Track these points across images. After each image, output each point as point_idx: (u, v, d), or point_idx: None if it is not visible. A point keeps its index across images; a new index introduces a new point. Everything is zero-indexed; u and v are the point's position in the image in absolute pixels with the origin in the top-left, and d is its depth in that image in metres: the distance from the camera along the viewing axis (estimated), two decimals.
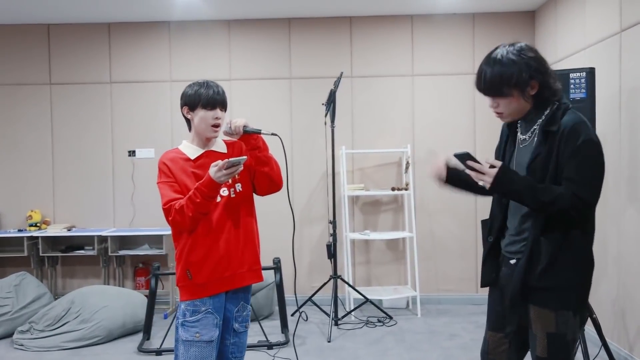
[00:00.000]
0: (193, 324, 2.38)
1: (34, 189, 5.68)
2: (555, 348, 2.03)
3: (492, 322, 2.27)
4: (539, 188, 1.97)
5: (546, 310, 2.03)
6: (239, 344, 2.53)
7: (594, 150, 1.99)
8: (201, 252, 2.38)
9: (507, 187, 2.00)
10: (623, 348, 3.81)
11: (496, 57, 2.04)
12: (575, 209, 1.95)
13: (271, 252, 5.23)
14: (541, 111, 2.07)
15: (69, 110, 5.68)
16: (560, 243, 2.00)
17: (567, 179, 1.97)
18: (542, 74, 2.02)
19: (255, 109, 5.61)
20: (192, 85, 2.47)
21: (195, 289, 2.40)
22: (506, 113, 2.09)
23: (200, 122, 2.43)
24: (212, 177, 2.26)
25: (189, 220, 2.32)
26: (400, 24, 5.58)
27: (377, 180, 5.60)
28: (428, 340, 4.45)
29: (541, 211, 2.00)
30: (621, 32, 3.78)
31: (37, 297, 4.95)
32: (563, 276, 2.01)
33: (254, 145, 2.46)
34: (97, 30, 5.65)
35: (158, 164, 2.46)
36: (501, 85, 2.02)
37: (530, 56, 2.03)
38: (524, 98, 2.03)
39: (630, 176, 3.68)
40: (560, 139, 1.99)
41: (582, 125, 1.99)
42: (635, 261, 3.64)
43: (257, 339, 4.37)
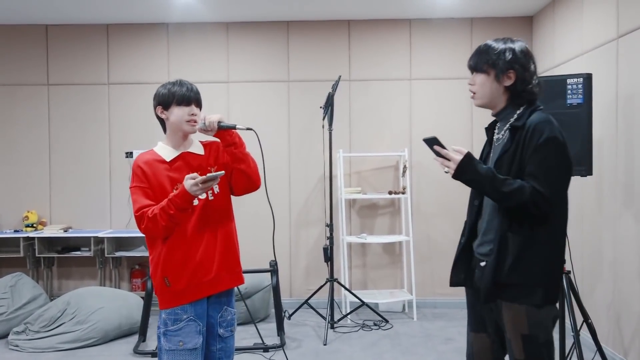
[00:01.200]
0: (175, 333, 2.31)
1: (30, 189, 5.67)
2: (531, 349, 2.07)
3: (473, 323, 2.29)
4: (500, 179, 2.00)
5: (516, 306, 2.05)
6: (226, 349, 2.46)
7: (556, 147, 2.01)
8: (178, 258, 2.31)
9: (469, 175, 2.02)
10: (618, 353, 3.82)
11: (491, 42, 2.16)
12: (534, 204, 1.97)
13: (266, 255, 5.22)
14: (514, 110, 2.13)
15: (67, 111, 5.67)
16: (526, 239, 2.03)
17: (528, 174, 2.01)
18: (522, 68, 2.09)
19: (253, 112, 5.62)
20: (165, 85, 2.42)
21: (174, 297, 2.32)
22: (479, 94, 2.16)
23: (175, 119, 2.37)
24: (187, 189, 2.20)
25: (162, 230, 2.26)
26: (398, 28, 5.59)
27: (374, 183, 5.61)
28: (424, 344, 4.45)
29: (501, 202, 2.04)
30: (618, 38, 3.80)
31: (32, 298, 4.93)
32: (530, 272, 2.03)
33: (229, 141, 2.37)
34: (95, 31, 5.66)
35: (132, 166, 2.39)
36: (481, 61, 2.12)
37: (521, 49, 2.12)
38: (498, 83, 2.11)
39: (626, 182, 3.69)
40: (525, 136, 2.03)
41: (547, 124, 2.03)
42: (630, 267, 3.65)
43: (253, 341, 4.37)
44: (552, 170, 2.00)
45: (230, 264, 2.43)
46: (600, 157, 3.91)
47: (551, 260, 2.07)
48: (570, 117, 3.45)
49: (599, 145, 3.89)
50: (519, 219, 2.03)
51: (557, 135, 2.01)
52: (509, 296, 2.06)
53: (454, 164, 2.02)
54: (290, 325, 4.96)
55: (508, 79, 2.10)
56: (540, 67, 5.23)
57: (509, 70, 2.09)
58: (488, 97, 2.15)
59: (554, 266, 2.09)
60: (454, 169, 2.02)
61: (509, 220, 2.04)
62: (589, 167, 3.43)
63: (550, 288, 2.08)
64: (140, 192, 2.33)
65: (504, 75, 2.09)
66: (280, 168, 5.60)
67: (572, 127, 3.44)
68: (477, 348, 2.27)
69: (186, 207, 2.26)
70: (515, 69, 2.08)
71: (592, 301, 4.13)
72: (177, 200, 2.22)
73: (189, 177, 2.23)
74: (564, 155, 2.03)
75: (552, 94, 3.50)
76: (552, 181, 1.99)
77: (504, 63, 2.08)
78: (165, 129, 2.46)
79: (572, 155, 3.36)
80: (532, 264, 2.03)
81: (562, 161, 2.03)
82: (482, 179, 2.01)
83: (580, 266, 4.29)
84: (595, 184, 4.06)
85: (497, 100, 2.14)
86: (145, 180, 2.34)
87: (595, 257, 4.14)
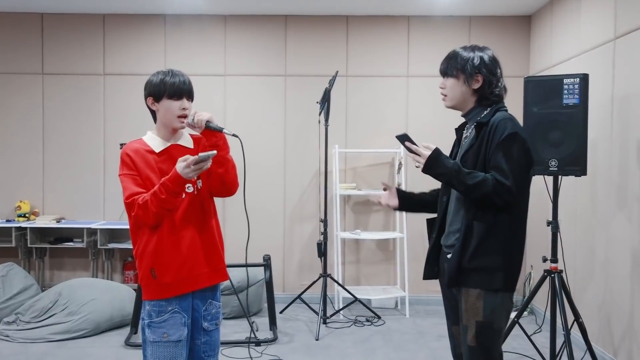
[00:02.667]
0: (160, 325, 2.28)
1: (23, 179, 5.64)
2: (484, 336, 2.19)
3: (451, 316, 2.42)
4: (464, 172, 2.16)
5: (475, 292, 2.19)
6: (211, 342, 2.44)
7: (517, 142, 2.16)
8: (167, 251, 2.29)
9: (437, 170, 2.19)
10: (608, 352, 3.84)
11: (459, 49, 2.37)
12: (497, 195, 2.12)
13: (260, 250, 5.23)
14: (482, 110, 2.31)
15: (61, 101, 5.64)
16: (489, 227, 2.18)
17: (492, 167, 2.17)
18: (489, 72, 2.28)
19: (249, 106, 5.60)
20: (156, 74, 2.37)
21: (160, 289, 2.29)
22: (449, 96, 2.35)
23: (166, 113, 2.33)
24: (180, 172, 2.16)
25: (153, 216, 2.22)
26: (397, 24, 5.59)
27: (369, 179, 5.61)
28: (415, 341, 4.47)
29: (467, 194, 2.18)
30: (615, 39, 3.81)
31: (24, 289, 4.92)
32: (490, 258, 2.18)
33: (214, 142, 2.33)
34: (91, 20, 5.62)
35: (120, 154, 2.36)
36: (451, 66, 2.32)
37: (488, 55, 2.31)
38: (467, 86, 2.29)
39: (620, 183, 3.71)
40: (489, 132, 2.20)
41: (509, 121, 2.20)
42: (622, 267, 3.67)
43: (245, 335, 4.37)
44: (513, 163, 2.14)
45: (214, 261, 2.40)
46: (594, 157, 3.93)
47: (511, 246, 2.21)
48: (566, 117, 3.46)
49: (593, 146, 3.90)
50: (484, 209, 2.17)
51: (518, 132, 2.17)
52: (470, 282, 2.20)
53: (423, 159, 2.19)
54: (283, 319, 4.96)
55: (476, 83, 2.28)
56: (537, 66, 5.25)
57: (477, 74, 2.27)
58: (458, 99, 2.33)
59: (513, 252, 2.22)
60: (423, 164, 2.20)
61: (474, 210, 2.19)
62: (583, 167, 3.45)
63: (509, 273, 2.20)
64: (130, 180, 2.30)
65: (472, 80, 2.28)
66: (276, 163, 5.59)
67: (567, 127, 3.46)
68: (459, 340, 2.36)
69: (178, 191, 2.21)
70: (483, 73, 2.27)
71: (584, 301, 4.15)
72: (169, 184, 2.18)
73: (181, 159, 2.18)
74: (524, 149, 2.18)
75: (548, 94, 3.52)
76: (514, 172, 2.13)
77: (472, 68, 2.27)
78: (155, 120, 2.43)
79: (567, 156, 3.43)
80: (492, 250, 2.17)
81: (523, 155, 2.17)
82: (448, 172, 2.16)
83: (573, 265, 4.31)
84: (589, 184, 4.08)
85: (466, 102, 2.33)
86: (134, 168, 2.31)
87: (588, 256, 4.16)
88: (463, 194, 2.20)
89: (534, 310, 5.09)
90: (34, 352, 4.12)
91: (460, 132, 2.45)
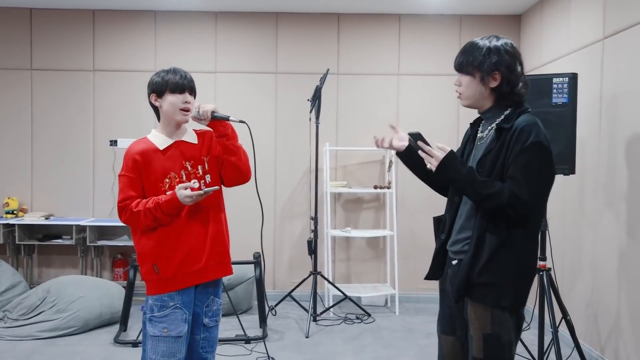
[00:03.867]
0: (161, 319, 2.32)
1: (11, 175, 5.60)
2: (491, 349, 2.05)
3: (443, 325, 2.29)
4: (480, 180, 2.00)
5: (482, 306, 2.05)
6: (210, 338, 2.48)
7: (540, 153, 1.99)
8: (169, 246, 2.33)
9: (450, 174, 2.03)
10: (595, 349, 3.88)
11: (477, 40, 2.13)
12: (512, 208, 1.96)
13: (251, 247, 5.22)
14: (501, 110, 2.11)
15: (50, 97, 5.60)
16: (502, 240, 2.01)
17: (510, 177, 1.99)
18: (508, 69, 2.07)
19: (240, 103, 5.59)
20: (158, 73, 2.42)
21: (162, 284, 2.34)
22: (464, 95, 2.15)
23: (169, 107, 2.37)
24: (179, 198, 2.24)
25: (144, 227, 2.31)
26: (388, 22, 5.59)
27: (360, 178, 5.62)
28: (405, 338, 4.48)
29: (479, 204, 2.03)
30: (604, 39, 3.84)
31: (12, 286, 4.88)
32: (501, 273, 2.02)
33: (222, 132, 2.38)
34: (81, 16, 5.58)
35: (125, 155, 2.38)
36: (467, 63, 2.10)
37: (507, 49, 2.09)
38: (483, 85, 2.09)
39: (608, 182, 3.74)
40: (511, 138, 2.02)
41: (534, 127, 2.01)
42: (609, 266, 3.71)
43: (235, 333, 4.37)
44: (533, 175, 1.98)
45: (220, 254, 2.44)
46: (583, 156, 3.96)
47: (523, 263, 2.06)
48: (555, 116, 3.48)
49: (582, 145, 3.93)
50: (497, 220, 2.02)
51: (542, 140, 2.00)
52: (477, 296, 2.06)
53: (436, 161, 2.03)
54: (273, 317, 4.96)
55: (494, 81, 2.08)
56: (527, 65, 5.27)
57: (494, 72, 2.07)
58: (473, 99, 2.14)
59: (525, 269, 2.08)
60: (435, 166, 2.03)
61: (486, 221, 2.04)
62: (572, 165, 3.47)
63: (520, 291, 2.06)
64: (128, 182, 2.34)
65: (489, 78, 2.08)
66: (266, 160, 5.58)
67: (556, 126, 3.48)
68: (447, 350, 2.27)
69: (174, 213, 2.29)
70: (501, 71, 2.06)
71: (571, 298, 4.18)
72: (165, 207, 2.26)
73: (182, 186, 2.26)
74: (547, 160, 2.01)
75: (537, 93, 3.54)
76: (532, 186, 1.97)
77: (489, 65, 2.06)
78: (159, 117, 2.46)
79: (556, 154, 3.44)
80: (504, 265, 2.02)
81: (545, 167, 2.01)
82: (462, 178, 2.01)
83: (561, 264, 4.34)
84: (578, 182, 4.11)
85: (483, 101, 2.13)
86: (135, 170, 2.34)
87: (576, 255, 4.19)
88: (475, 202, 2.05)
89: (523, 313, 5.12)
90: (22, 349, 4.10)
91: (475, 127, 2.25)
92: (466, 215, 2.14)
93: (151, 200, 2.28)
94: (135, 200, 2.30)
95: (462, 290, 2.08)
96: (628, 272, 3.51)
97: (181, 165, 2.39)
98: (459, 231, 2.16)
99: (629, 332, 3.48)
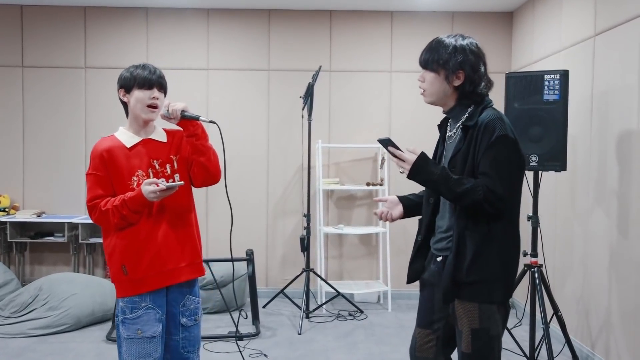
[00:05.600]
0: (134, 321, 2.27)
1: (3, 173, 5.57)
2: (479, 343, 2.07)
3: (421, 319, 2.29)
4: (453, 179, 2.01)
5: (472, 304, 2.06)
6: (190, 337, 2.41)
7: (507, 145, 2.02)
8: (137, 247, 2.27)
9: (423, 176, 2.03)
10: (585, 345, 3.91)
11: (443, 38, 2.15)
12: (488, 202, 1.98)
13: (243, 244, 5.22)
14: (464, 109, 2.14)
15: (42, 94, 5.56)
16: (483, 237, 2.04)
17: (481, 173, 2.02)
18: (472, 69, 2.09)
19: (232, 100, 5.58)
20: (128, 68, 2.37)
21: (132, 285, 2.28)
22: (428, 91, 2.16)
23: (136, 103, 2.32)
24: (144, 194, 2.18)
25: (114, 226, 2.27)
26: (380, 19, 5.59)
27: (353, 175, 5.63)
28: (397, 335, 4.50)
29: (456, 202, 2.04)
30: (595, 36, 3.85)
31: (3, 283, 4.86)
32: (488, 270, 2.05)
33: (192, 132, 2.32)
34: (72, 13, 5.55)
35: (91, 153, 2.35)
36: (432, 60, 2.12)
37: (472, 49, 2.12)
38: (447, 83, 2.11)
39: (599, 178, 3.76)
40: (477, 134, 2.05)
41: (498, 121, 2.04)
42: (600, 262, 3.73)
43: (228, 330, 4.37)
44: (503, 168, 2.00)
45: (190, 255, 2.39)
46: (574, 153, 3.98)
47: (508, 255, 2.09)
48: (546, 113, 3.50)
49: (573, 142, 3.95)
50: (475, 217, 2.04)
51: (507, 133, 2.02)
52: (466, 295, 2.07)
53: (408, 165, 2.03)
54: (266, 314, 4.96)
55: (457, 80, 2.10)
56: (519, 62, 5.29)
57: (458, 71, 2.09)
58: (437, 96, 2.15)
59: (510, 261, 2.10)
60: (408, 170, 2.03)
61: (465, 219, 2.05)
62: (563, 162, 3.49)
63: (508, 283, 2.10)
64: (95, 181, 2.30)
65: (453, 76, 2.10)
66: (259, 157, 5.58)
67: (547, 123, 3.50)
68: (420, 343, 2.27)
69: (140, 210, 2.25)
70: (465, 70, 2.09)
71: (562, 294, 4.21)
72: (131, 203, 2.21)
73: (148, 182, 2.20)
74: (515, 152, 2.04)
75: (529, 90, 3.55)
76: (505, 179, 2.00)
77: (454, 64, 2.08)
78: (127, 114, 2.41)
79: (547, 151, 3.47)
80: (490, 261, 2.04)
81: (514, 158, 2.04)
82: (436, 178, 2.01)
83: (552, 260, 4.37)
84: (569, 179, 4.13)
85: (446, 99, 2.15)
86: (102, 168, 2.30)
87: (567, 251, 4.22)
88: (451, 201, 2.07)
89: (514, 304, 5.15)
90: (14, 347, 4.08)
91: (443, 129, 2.30)
92: (448, 213, 2.15)
93: (118, 198, 2.25)
94: (105, 199, 2.26)
95: (450, 294, 2.09)
96: (618, 268, 3.53)
97: (149, 163, 2.33)
98: (444, 230, 2.18)
99: (620, 328, 3.51)
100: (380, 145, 2.09)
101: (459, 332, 2.12)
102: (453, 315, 2.13)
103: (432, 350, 2.25)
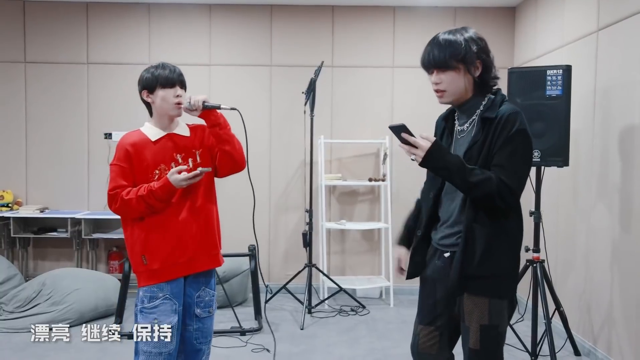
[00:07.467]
0: (151, 311, 2.36)
1: (5, 168, 5.58)
2: (488, 340, 2.06)
3: (423, 316, 2.27)
4: (468, 169, 1.97)
5: (481, 299, 2.05)
6: (203, 329, 2.49)
7: (524, 141, 2.02)
8: (157, 237, 2.35)
9: (437, 163, 1.98)
10: (587, 340, 3.91)
11: (444, 35, 2.11)
12: (500, 196, 1.96)
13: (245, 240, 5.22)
14: (480, 99, 2.11)
15: (44, 89, 5.57)
16: (493, 230, 2.02)
17: (496, 165, 2.00)
18: (487, 55, 2.09)
19: (234, 96, 5.57)
20: (148, 69, 2.45)
21: (151, 274, 2.36)
22: (449, 91, 2.11)
23: (162, 102, 2.40)
24: (172, 182, 2.26)
25: (137, 215, 2.33)
26: (382, 15, 5.58)
27: (355, 170, 5.63)
28: (399, 330, 4.51)
29: (468, 192, 2.01)
30: (598, 31, 3.84)
31: (7, 279, 4.88)
32: (499, 264, 2.04)
33: (214, 122, 2.41)
34: (74, 9, 5.55)
35: (117, 145, 2.42)
36: (450, 58, 2.05)
37: (479, 37, 2.11)
38: (469, 75, 2.07)
39: (601, 173, 3.76)
40: (496, 127, 2.02)
41: (518, 115, 2.03)
42: (602, 257, 3.73)
43: (230, 325, 4.38)
44: (519, 163, 2.00)
45: (208, 246, 2.45)
46: (576, 148, 3.97)
47: (516, 249, 2.10)
48: (548, 108, 3.50)
49: (575, 137, 3.95)
50: (485, 211, 2.02)
51: (526, 128, 2.02)
52: (476, 289, 2.05)
53: (422, 152, 1.97)
54: (268, 309, 4.97)
55: (477, 70, 2.08)
56: (522, 58, 5.28)
57: (477, 60, 2.07)
58: (459, 93, 2.11)
59: (518, 256, 2.12)
60: (421, 157, 1.97)
61: (474, 212, 2.03)
62: (565, 158, 3.49)
63: (515, 279, 2.13)
64: (119, 171, 2.36)
65: (472, 67, 2.07)
66: (261, 153, 5.58)
67: (550, 118, 3.49)
68: (422, 340, 2.25)
69: (167, 199, 2.31)
70: (482, 59, 2.08)
71: (565, 290, 4.21)
72: (158, 192, 2.27)
73: (175, 170, 2.28)
74: (530, 149, 2.05)
75: (531, 85, 3.55)
76: (518, 174, 2.00)
77: (472, 55, 2.05)
78: (151, 113, 2.48)
79: (549, 147, 3.47)
80: (502, 255, 2.04)
81: (528, 154, 2.05)
82: (450, 167, 1.96)
83: (554, 255, 4.37)
84: (571, 175, 4.13)
85: (466, 93, 2.12)
86: (126, 160, 2.36)
87: (569, 247, 4.22)
88: (463, 191, 2.02)
89: (517, 299, 5.15)
90: (17, 342, 4.10)
91: (450, 122, 2.24)
92: (457, 208, 2.11)
93: (143, 187, 2.30)
94: (126, 189, 2.32)
95: (459, 289, 2.07)
96: (621, 263, 3.53)
97: (172, 157, 2.41)
98: (450, 224, 2.14)
99: (622, 323, 3.51)
100: (392, 131, 2.05)
101: (465, 328, 2.09)
102: (460, 311, 2.11)
103: (435, 347, 2.23)
